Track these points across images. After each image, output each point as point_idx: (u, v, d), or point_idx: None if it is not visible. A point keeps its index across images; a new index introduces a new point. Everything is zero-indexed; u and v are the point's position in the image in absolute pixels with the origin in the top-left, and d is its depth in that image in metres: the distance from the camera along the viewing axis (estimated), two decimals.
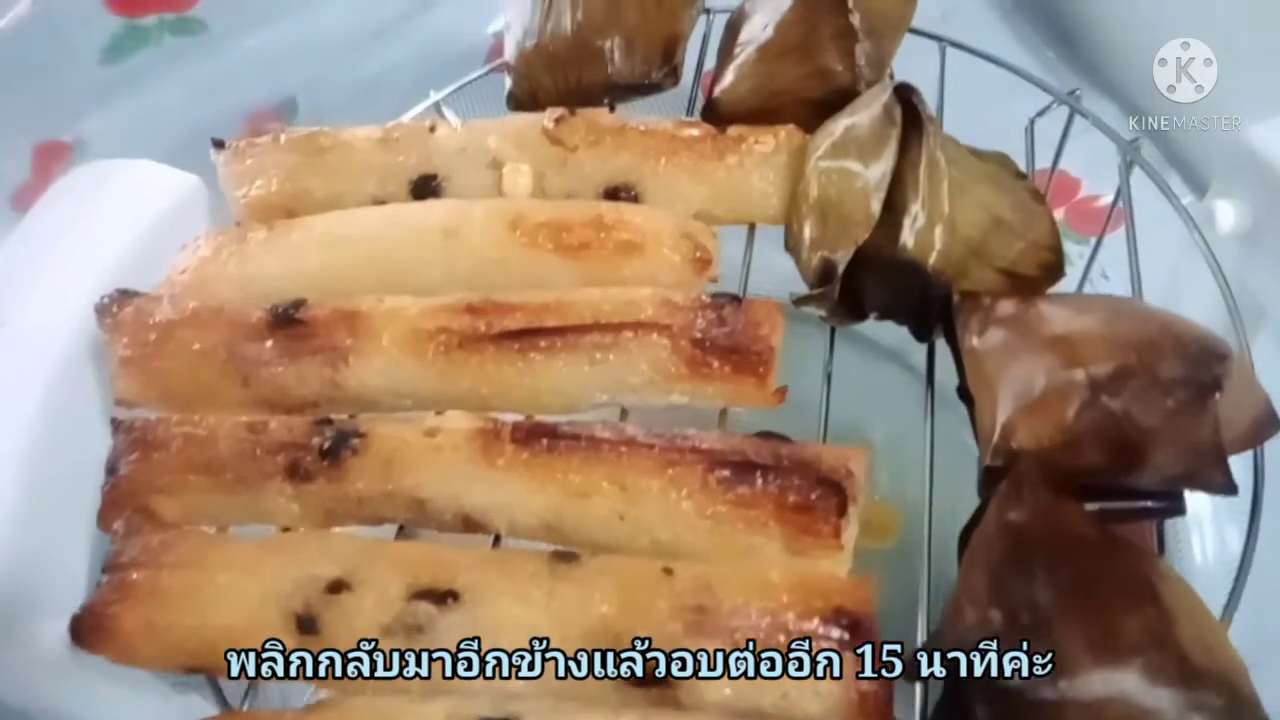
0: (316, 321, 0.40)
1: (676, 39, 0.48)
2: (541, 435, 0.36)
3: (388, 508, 0.37)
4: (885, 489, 0.57)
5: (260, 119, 0.84)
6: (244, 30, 0.85)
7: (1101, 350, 0.33)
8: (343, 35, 0.87)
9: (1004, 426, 0.33)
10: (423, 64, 0.86)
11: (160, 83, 0.81)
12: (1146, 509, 0.35)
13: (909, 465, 0.60)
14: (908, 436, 0.60)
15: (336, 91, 0.86)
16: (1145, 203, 0.65)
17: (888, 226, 0.38)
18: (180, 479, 0.39)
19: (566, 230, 0.42)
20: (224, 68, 0.83)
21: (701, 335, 0.38)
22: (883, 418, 0.63)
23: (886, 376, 0.63)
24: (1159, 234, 0.49)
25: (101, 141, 0.80)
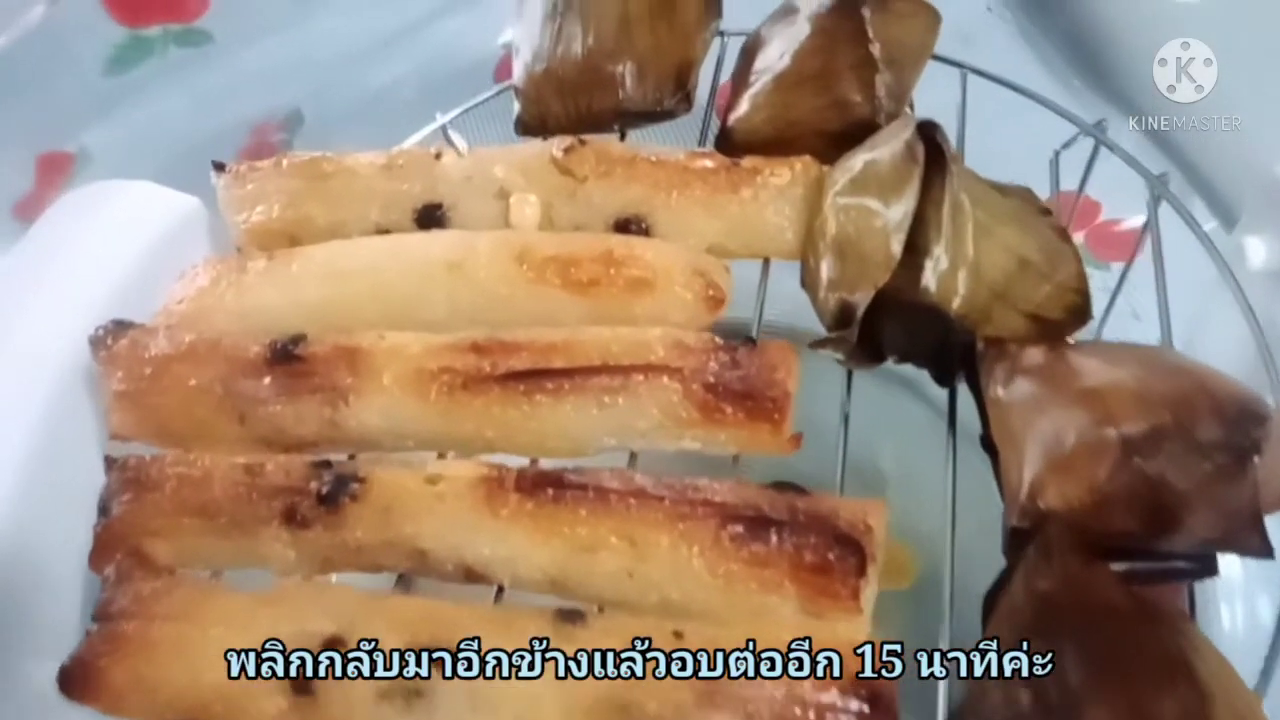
0: (316, 358, 0.39)
1: (690, 64, 0.47)
2: (547, 485, 0.35)
3: (387, 557, 0.36)
4: (898, 524, 0.56)
5: (265, 130, 0.83)
6: (249, 41, 0.84)
7: (1134, 408, 0.31)
8: (349, 46, 0.85)
9: (1031, 486, 0.32)
10: (429, 76, 0.85)
11: (164, 93, 0.80)
12: (1177, 570, 0.34)
13: (923, 499, 0.58)
14: (921, 468, 0.58)
15: (342, 103, 0.85)
16: (1169, 232, 0.63)
17: (908, 269, 0.37)
18: (174, 522, 0.38)
19: (575, 265, 0.41)
20: (228, 79, 0.82)
21: (714, 379, 0.37)
22: (895, 447, 0.61)
23: (899, 404, 0.62)
24: (1184, 266, 0.47)
25: (104, 152, 0.79)
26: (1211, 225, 0.72)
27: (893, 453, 0.61)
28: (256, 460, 0.38)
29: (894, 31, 0.42)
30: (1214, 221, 0.71)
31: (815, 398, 0.39)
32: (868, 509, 0.35)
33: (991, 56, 0.80)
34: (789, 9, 0.45)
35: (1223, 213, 0.72)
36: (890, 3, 0.42)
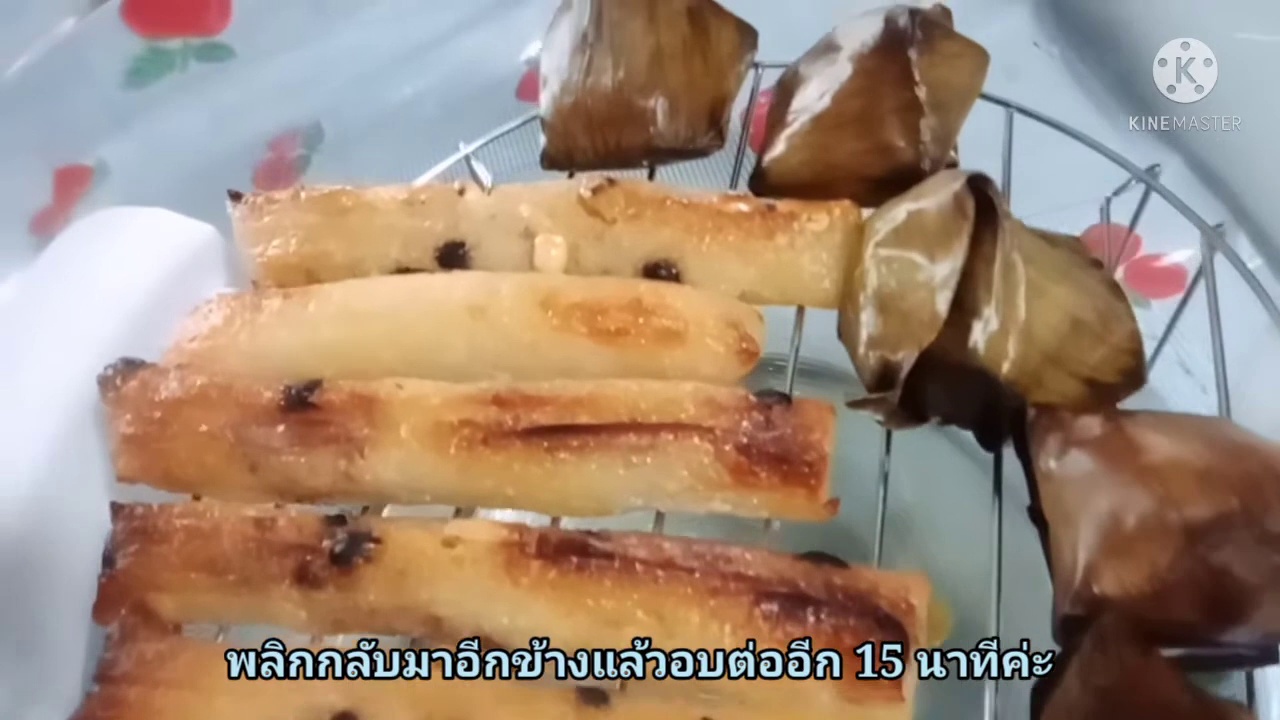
0: (331, 407, 0.37)
1: (724, 100, 0.45)
2: (571, 552, 0.33)
3: (401, 622, 0.34)
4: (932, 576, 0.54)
5: (284, 145, 0.82)
6: (270, 55, 0.83)
7: (1198, 490, 0.29)
8: (371, 61, 0.84)
9: (1087, 570, 0.30)
10: (452, 91, 0.84)
11: (183, 107, 0.79)
12: (1237, 657, 0.32)
13: (958, 549, 0.56)
14: (958, 519, 0.57)
15: (363, 118, 0.84)
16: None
17: (955, 328, 0.35)
18: (181, 577, 0.36)
19: (602, 313, 0.39)
20: (248, 93, 0.81)
21: (747, 440, 0.35)
22: (928, 493, 0.59)
23: (936, 449, 0.60)
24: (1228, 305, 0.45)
25: (122, 166, 0.78)
26: (1257, 263, 0.70)
27: (925, 499, 0.59)
28: (267, 514, 0.36)
29: (941, 73, 0.40)
30: (1259, 259, 0.69)
31: (852, 439, 0.37)
32: (910, 585, 0.33)
33: (1038, 90, 0.78)
34: (830, 46, 0.43)
35: (1270, 252, 0.69)
36: (937, 43, 0.40)
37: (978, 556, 0.37)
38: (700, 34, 0.45)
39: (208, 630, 0.38)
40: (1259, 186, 0.70)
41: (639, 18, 0.45)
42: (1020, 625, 0.34)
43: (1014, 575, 0.35)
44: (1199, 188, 0.73)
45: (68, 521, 0.40)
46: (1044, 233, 0.40)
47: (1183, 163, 0.74)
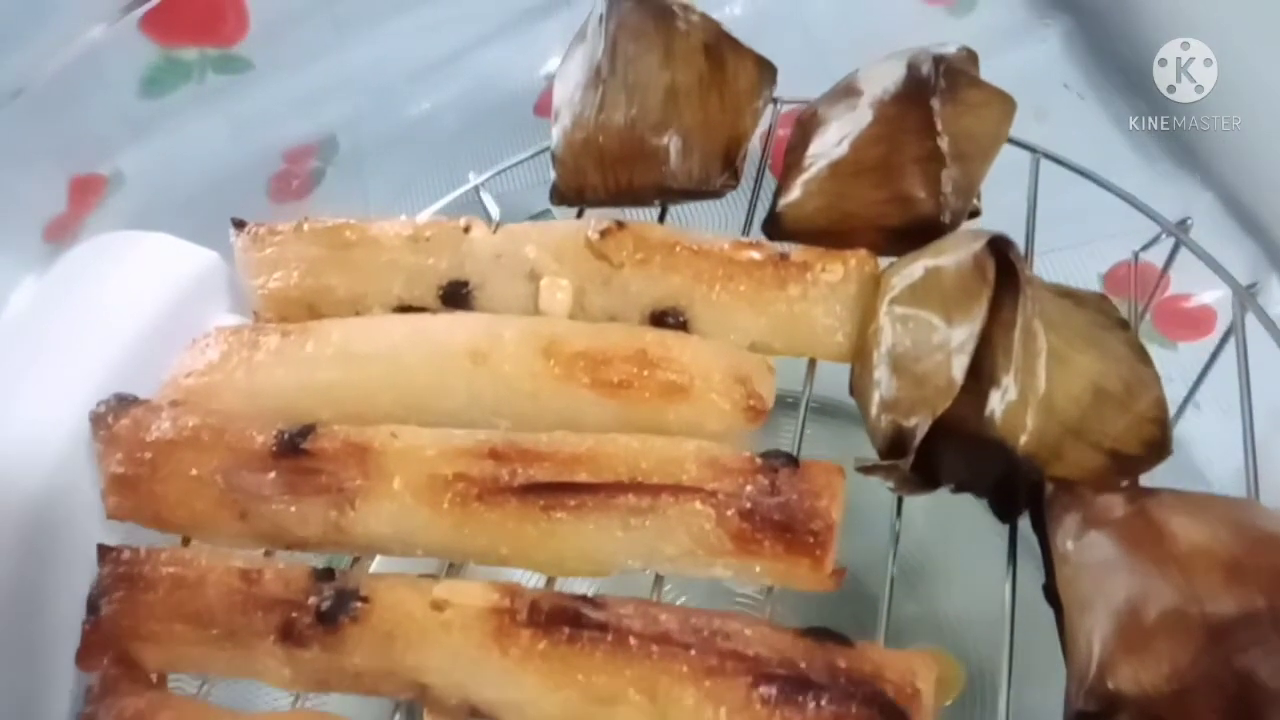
0: (324, 455, 0.36)
1: (739, 140, 0.44)
2: (563, 622, 0.32)
3: (387, 685, 0.33)
4: (943, 632, 0.52)
5: (299, 157, 0.82)
6: (288, 67, 0.82)
7: (1224, 583, 0.28)
8: (389, 75, 0.83)
9: (1102, 663, 0.28)
10: (469, 106, 0.83)
11: (200, 117, 0.79)
12: None
13: (970, 605, 0.54)
14: (971, 574, 0.55)
15: (379, 132, 0.83)
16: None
17: (972, 395, 0.33)
18: (165, 628, 0.35)
19: (606, 364, 0.38)
20: (265, 104, 0.81)
21: (751, 506, 0.34)
22: (943, 538, 0.57)
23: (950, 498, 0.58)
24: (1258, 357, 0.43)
25: (138, 176, 0.78)
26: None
27: (939, 543, 0.57)
28: (254, 565, 0.35)
29: (965, 123, 0.38)
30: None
31: (865, 482, 0.36)
32: (916, 668, 0.31)
33: (1070, 124, 0.76)
34: (850, 90, 0.42)
35: None
36: (961, 91, 0.38)
37: (991, 606, 0.35)
38: (717, 71, 0.44)
39: (192, 682, 0.37)
40: None
41: (654, 53, 0.44)
42: (1033, 679, 0.33)
43: (1028, 628, 0.34)
44: (1232, 228, 0.71)
45: (62, 555, 0.39)
46: (1070, 290, 0.39)
47: (1215, 199, 0.72)
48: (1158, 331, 0.68)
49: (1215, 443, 0.60)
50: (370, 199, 0.83)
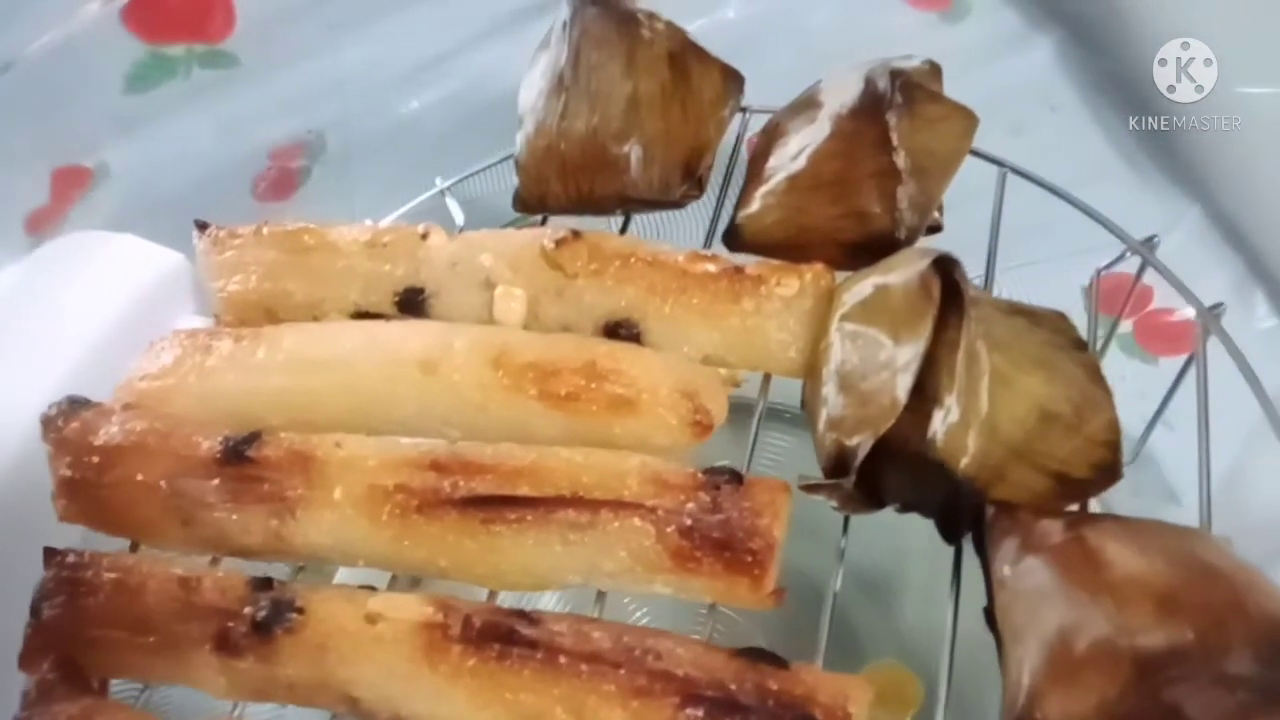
0: (268, 463, 0.36)
1: (701, 151, 0.43)
2: (494, 639, 0.31)
3: (320, 697, 0.33)
4: (904, 646, 0.52)
5: (285, 155, 0.82)
6: (276, 65, 0.82)
7: (1156, 616, 0.27)
8: (379, 73, 0.83)
9: (1030, 694, 0.28)
10: (458, 107, 0.83)
11: (187, 113, 0.79)
12: None
13: (932, 621, 0.54)
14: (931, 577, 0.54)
15: (367, 131, 0.83)
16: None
17: (916, 415, 0.33)
18: (105, 634, 0.35)
19: (554, 375, 0.37)
20: (253, 101, 0.80)
21: (691, 524, 0.33)
22: (902, 550, 0.57)
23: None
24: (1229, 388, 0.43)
25: (124, 170, 0.78)
26: (1271, 323, 0.67)
27: (899, 555, 0.57)
28: (194, 573, 0.35)
29: (922, 139, 0.38)
30: (1275, 319, 0.67)
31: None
32: (849, 692, 0.31)
33: (1061, 134, 0.76)
34: (811, 102, 0.42)
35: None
36: (919, 106, 0.38)
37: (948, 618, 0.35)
38: (681, 80, 0.44)
39: (133, 689, 0.37)
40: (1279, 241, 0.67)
41: (617, 62, 0.43)
42: (989, 700, 0.32)
43: (986, 649, 0.33)
44: (1217, 241, 0.71)
45: (21, 555, 0.39)
46: (1026, 309, 0.38)
47: (1202, 213, 0.72)
48: (1139, 346, 0.68)
49: (1189, 462, 0.59)
50: (356, 199, 0.83)
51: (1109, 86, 0.79)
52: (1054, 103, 0.80)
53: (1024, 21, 0.85)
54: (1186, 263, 0.74)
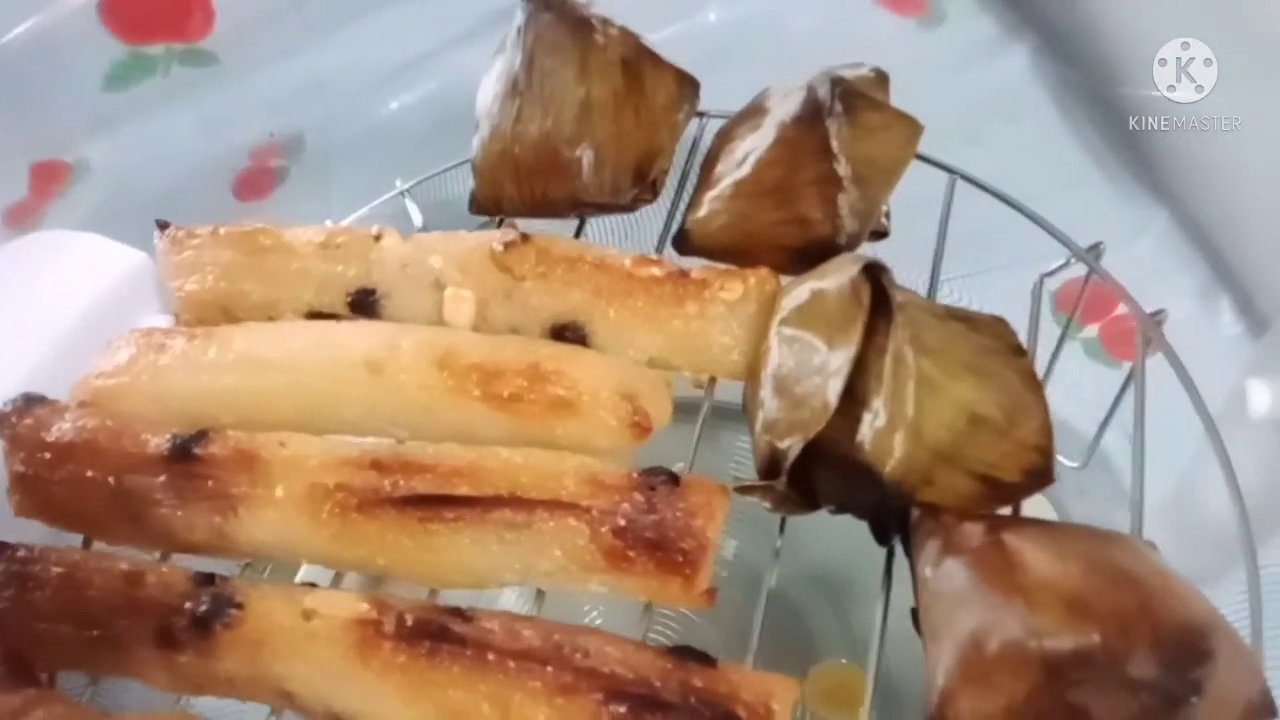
0: (214, 461, 0.37)
1: (652, 156, 0.44)
2: (425, 636, 0.32)
3: (256, 692, 0.34)
4: (855, 646, 0.52)
5: (264, 155, 0.82)
6: (256, 64, 0.83)
7: (1066, 619, 0.28)
8: (360, 75, 0.84)
9: (944, 694, 0.29)
10: (437, 109, 0.84)
11: (166, 110, 0.79)
12: None
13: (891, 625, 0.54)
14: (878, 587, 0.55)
15: (347, 132, 0.83)
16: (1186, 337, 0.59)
17: (847, 418, 0.33)
18: (52, 628, 0.36)
19: (498, 377, 0.38)
20: (233, 101, 0.81)
21: (625, 523, 0.34)
22: (859, 551, 0.57)
23: None
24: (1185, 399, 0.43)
25: (104, 166, 0.79)
26: (1236, 331, 0.67)
27: (855, 556, 0.57)
28: (139, 568, 0.36)
29: (863, 147, 0.38)
30: (1240, 326, 0.67)
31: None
32: (773, 690, 0.32)
33: (1034, 138, 0.76)
34: (759, 109, 0.42)
35: (1253, 316, 0.67)
36: (859, 114, 0.38)
37: (908, 623, 0.35)
38: (634, 85, 0.44)
39: (80, 683, 0.38)
40: (1246, 248, 0.68)
41: (570, 67, 0.44)
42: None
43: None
44: (1185, 247, 0.71)
45: None
46: (966, 314, 0.38)
47: (1170, 218, 0.72)
48: (1104, 350, 0.68)
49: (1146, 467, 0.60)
50: (334, 199, 0.84)
51: (1082, 92, 0.80)
52: (1027, 108, 0.80)
53: (1000, 28, 0.86)
54: (1154, 268, 0.74)
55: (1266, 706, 0.29)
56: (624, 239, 0.61)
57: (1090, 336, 0.69)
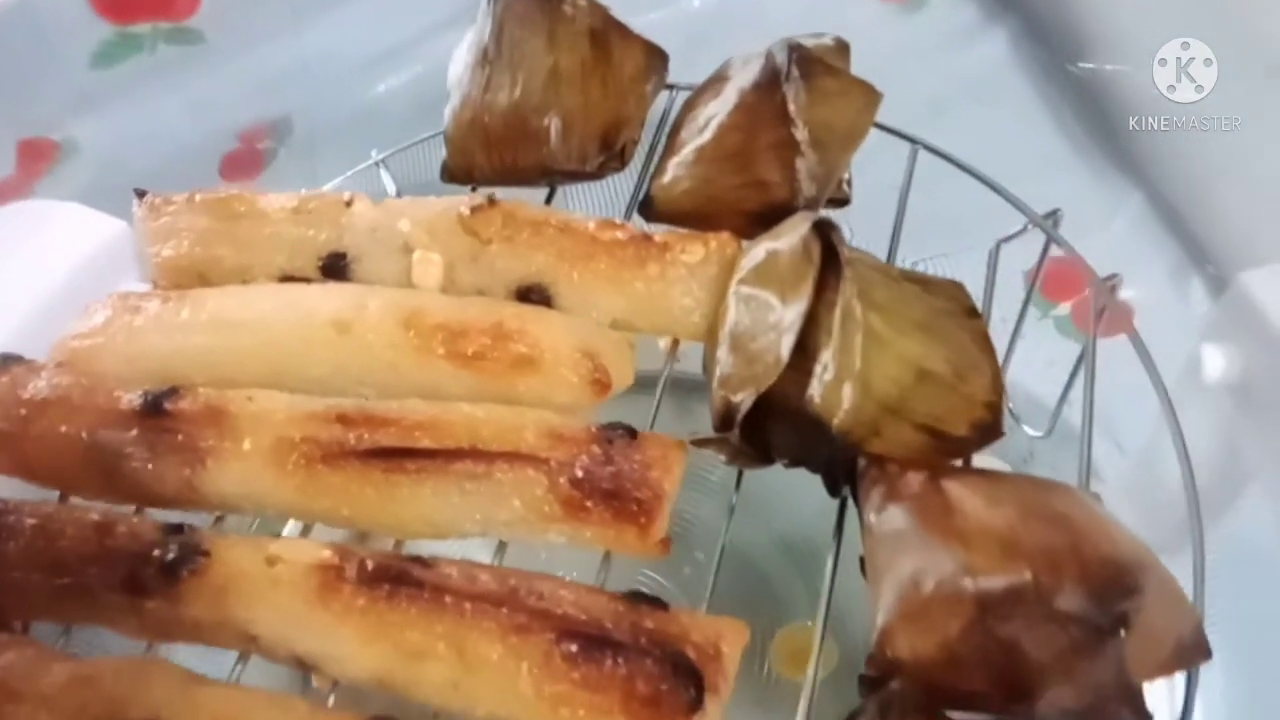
0: (183, 415, 0.38)
1: (619, 125, 0.45)
2: (385, 580, 0.33)
3: (222, 637, 0.35)
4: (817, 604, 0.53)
5: (252, 137, 0.83)
6: (244, 45, 0.84)
7: (998, 559, 0.29)
8: (348, 57, 0.85)
9: (882, 633, 0.29)
10: (426, 91, 0.84)
11: (153, 90, 0.80)
12: None
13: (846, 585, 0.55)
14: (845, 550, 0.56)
15: (334, 114, 0.84)
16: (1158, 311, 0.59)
17: (798, 372, 0.34)
18: (24, 577, 0.37)
19: (462, 336, 0.39)
20: (221, 82, 0.82)
21: (582, 474, 0.35)
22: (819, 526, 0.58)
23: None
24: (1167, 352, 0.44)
25: (92, 144, 0.79)
26: (1206, 310, 0.68)
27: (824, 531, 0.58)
28: (109, 519, 0.37)
29: (820, 112, 0.39)
30: (1210, 305, 0.68)
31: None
32: (723, 632, 0.32)
33: (1011, 118, 0.77)
34: (721, 77, 0.43)
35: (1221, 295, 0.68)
36: (816, 80, 0.39)
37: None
38: (601, 56, 0.45)
39: (53, 633, 0.38)
40: (1218, 229, 0.68)
41: (539, 37, 0.45)
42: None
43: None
44: (1158, 228, 0.72)
45: None
46: (921, 277, 0.39)
47: (1144, 200, 0.73)
48: (1075, 328, 0.69)
49: (1109, 438, 0.60)
50: (321, 181, 0.85)
51: (1060, 77, 0.80)
52: (1006, 93, 0.81)
53: (980, 13, 0.87)
54: (1129, 249, 0.75)
55: (1200, 646, 0.30)
56: (596, 211, 0.62)
57: (1063, 314, 0.70)
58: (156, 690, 0.32)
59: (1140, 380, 0.42)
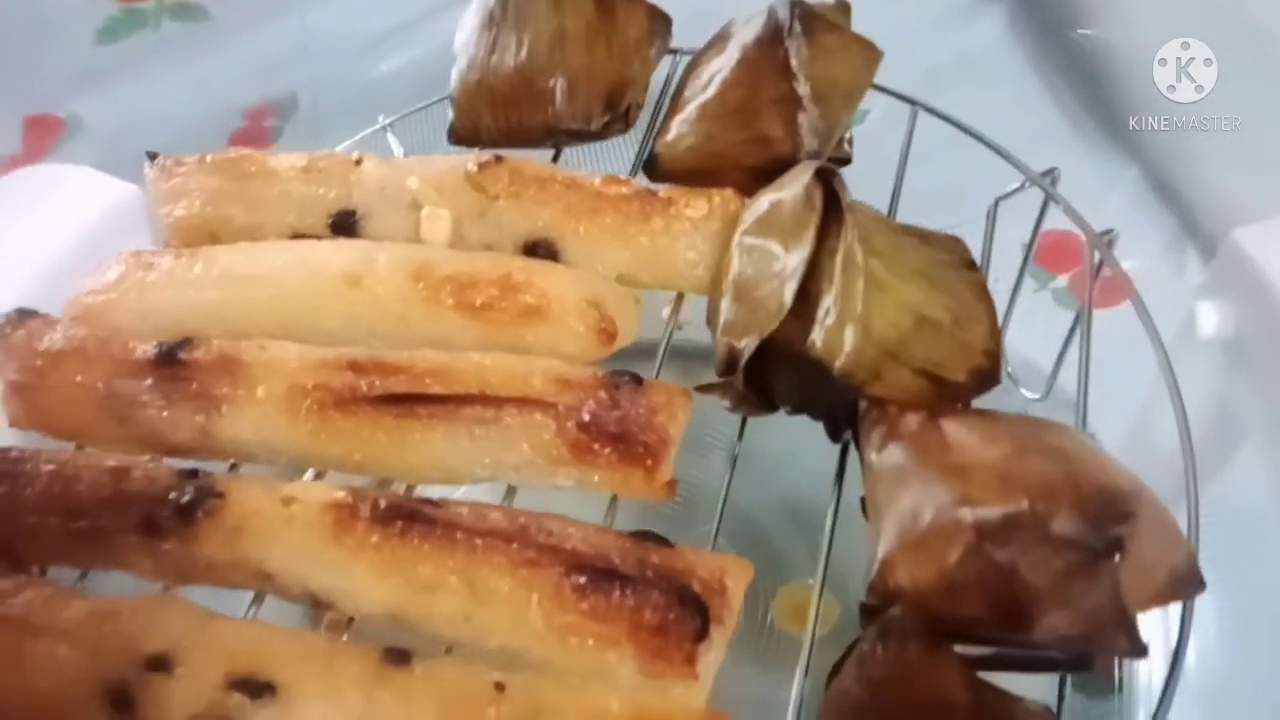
0: (197, 365, 0.38)
1: (623, 86, 0.45)
2: (398, 517, 0.34)
3: (237, 576, 0.35)
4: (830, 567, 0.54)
5: (259, 115, 0.84)
6: (249, 22, 0.84)
7: (995, 490, 0.30)
8: (353, 35, 0.85)
9: (883, 563, 0.30)
10: (429, 69, 0.84)
11: (159, 67, 0.81)
12: (1049, 660, 0.32)
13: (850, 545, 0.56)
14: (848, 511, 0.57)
15: (339, 92, 0.84)
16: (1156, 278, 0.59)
17: (800, 319, 0.35)
18: (41, 521, 0.37)
19: (471, 287, 0.39)
20: (226, 60, 0.83)
21: (590, 418, 0.36)
22: (815, 486, 0.59)
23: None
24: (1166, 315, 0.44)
25: (98, 121, 0.80)
26: (1201, 279, 0.69)
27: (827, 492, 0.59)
28: (125, 463, 0.37)
29: (821, 67, 0.40)
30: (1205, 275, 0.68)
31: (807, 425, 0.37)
32: (727, 568, 0.33)
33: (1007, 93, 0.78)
34: (724, 35, 0.44)
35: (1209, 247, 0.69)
36: (818, 36, 0.40)
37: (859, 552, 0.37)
38: (606, 18, 0.46)
39: (70, 577, 0.39)
40: (1212, 201, 0.69)
41: (544, 0, 0.45)
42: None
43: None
44: (1154, 202, 0.73)
45: None
46: (921, 231, 0.40)
47: (1140, 175, 0.74)
48: (1074, 299, 0.70)
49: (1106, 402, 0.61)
50: None
51: (1057, 52, 0.81)
52: (1004, 67, 0.82)
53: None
54: (1124, 222, 0.76)
55: (1193, 576, 0.31)
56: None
57: (1060, 286, 0.70)
58: (174, 624, 0.33)
59: (1134, 346, 0.42)
